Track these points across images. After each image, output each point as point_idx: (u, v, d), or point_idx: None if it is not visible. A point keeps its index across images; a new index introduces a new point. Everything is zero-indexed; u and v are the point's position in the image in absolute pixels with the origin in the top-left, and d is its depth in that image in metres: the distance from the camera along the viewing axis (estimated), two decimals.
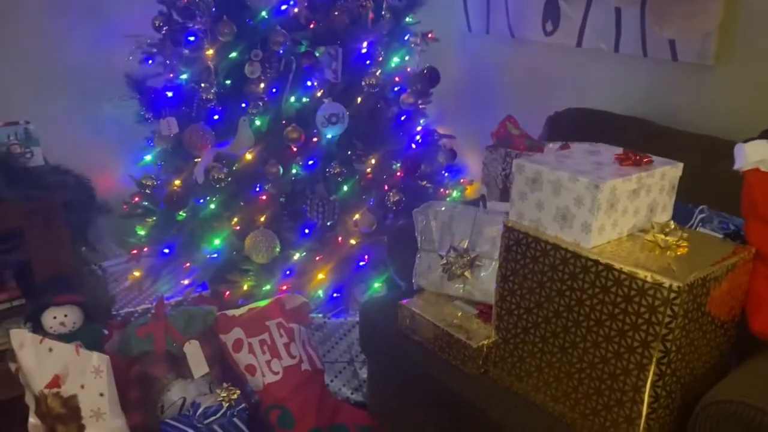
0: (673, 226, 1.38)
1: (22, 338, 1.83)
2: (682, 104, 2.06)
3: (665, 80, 2.10)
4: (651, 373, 1.27)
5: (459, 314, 1.70)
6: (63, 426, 1.80)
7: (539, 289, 1.43)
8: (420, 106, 2.47)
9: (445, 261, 1.71)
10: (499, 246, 1.65)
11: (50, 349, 1.80)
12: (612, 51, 2.22)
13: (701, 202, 1.62)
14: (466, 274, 1.69)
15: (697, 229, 1.57)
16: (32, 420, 1.89)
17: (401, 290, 2.03)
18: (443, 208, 1.77)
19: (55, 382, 1.79)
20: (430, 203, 1.80)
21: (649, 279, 1.23)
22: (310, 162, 2.26)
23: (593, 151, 1.53)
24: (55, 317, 1.98)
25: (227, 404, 1.92)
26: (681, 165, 1.46)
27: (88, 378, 1.76)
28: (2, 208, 1.95)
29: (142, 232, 2.46)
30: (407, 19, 2.45)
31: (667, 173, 1.43)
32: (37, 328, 1.99)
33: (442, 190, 2.55)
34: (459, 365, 1.62)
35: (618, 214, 1.36)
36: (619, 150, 1.52)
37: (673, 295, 1.21)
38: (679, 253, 1.33)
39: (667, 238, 1.34)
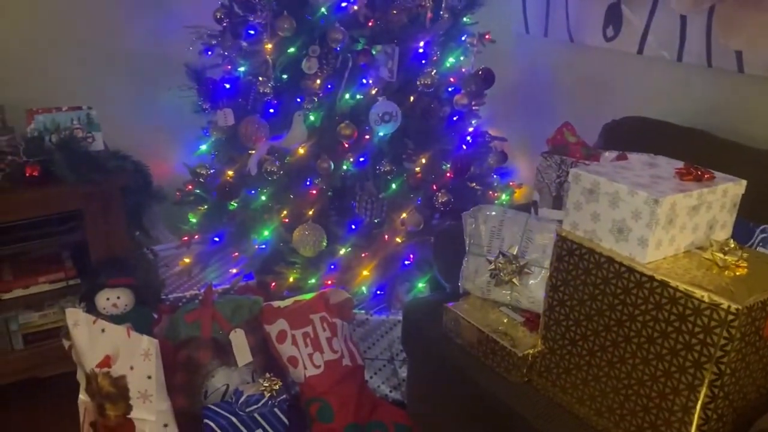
0: (732, 245, 1.34)
1: (76, 317, 1.89)
2: (746, 118, 2.00)
3: (730, 92, 2.04)
4: (702, 394, 1.24)
5: (505, 321, 1.69)
6: (111, 405, 1.86)
7: (590, 301, 1.41)
8: (473, 108, 2.46)
9: (493, 266, 1.70)
10: (551, 254, 1.64)
11: (103, 330, 1.86)
12: (674, 59, 2.17)
13: (764, 221, 1.57)
14: (514, 280, 1.68)
15: (758, 249, 1.53)
16: (82, 397, 1.96)
17: (446, 292, 2.03)
18: (494, 213, 1.76)
19: (106, 362, 1.84)
20: (480, 207, 1.79)
21: (705, 299, 1.20)
22: (361, 159, 2.27)
23: (652, 164, 1.50)
24: (108, 298, 2.05)
25: (269, 394, 1.95)
26: (744, 182, 1.42)
27: (137, 360, 1.81)
28: (64, 190, 2.02)
29: (193, 220, 2.52)
30: (465, 19, 2.44)
31: (729, 190, 1.39)
32: (91, 309, 2.06)
33: (490, 192, 2.54)
34: (502, 372, 1.61)
35: (676, 229, 1.33)
36: (680, 163, 1.48)
37: (730, 317, 1.18)
38: (737, 274, 1.29)
39: (726, 257, 1.31)
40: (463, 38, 2.41)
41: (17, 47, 2.42)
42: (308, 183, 2.30)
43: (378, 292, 2.37)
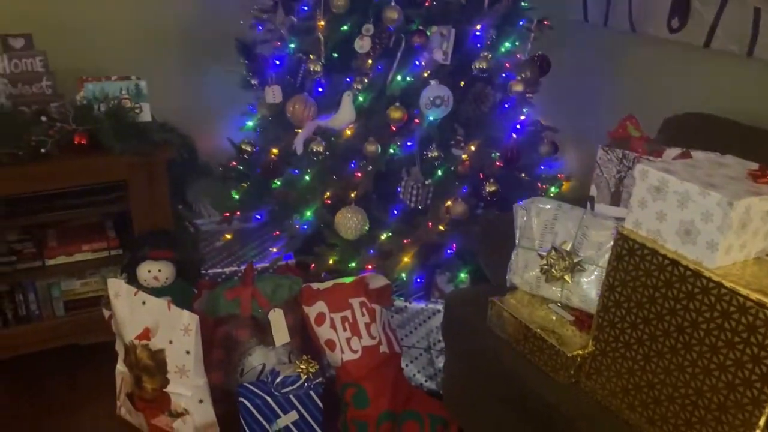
0: None
1: (118, 288, 1.89)
2: None
3: None
4: (767, 411, 1.17)
5: (553, 318, 1.63)
6: (148, 377, 1.86)
7: (649, 304, 1.34)
8: (527, 95, 2.38)
9: (544, 261, 1.64)
10: (606, 253, 1.57)
11: (143, 302, 1.85)
12: (744, 55, 2.06)
13: None
14: (566, 277, 1.61)
15: None
16: (120, 367, 1.97)
17: (489, 284, 1.98)
18: (548, 206, 1.69)
19: (146, 334, 1.84)
20: (533, 199, 1.73)
21: None
22: (409, 143, 2.22)
23: (722, 163, 1.42)
24: (149, 270, 2.04)
25: (305, 376, 1.94)
26: None
27: (176, 335, 1.80)
28: (110, 160, 2.02)
29: (236, 196, 2.50)
30: (523, 4, 2.35)
31: None
32: (132, 280, 2.06)
33: (539, 183, 2.46)
34: (548, 371, 1.56)
35: (748, 235, 1.25)
36: (752, 164, 1.40)
37: None
38: None
39: None
40: (520, 23, 2.33)
41: (70, 16, 2.41)
42: (353, 165, 2.25)
43: (418, 280, 2.33)
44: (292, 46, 2.28)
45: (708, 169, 1.36)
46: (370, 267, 2.26)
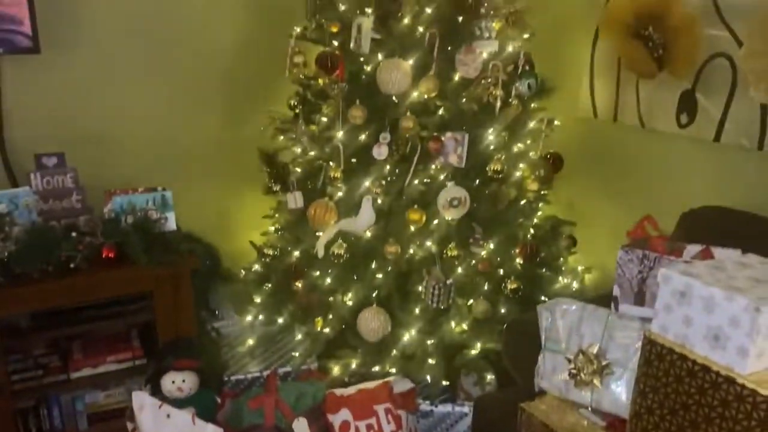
0: None
1: (142, 401, 1.89)
2: None
3: None
4: None
5: (584, 424, 1.59)
6: None
7: (683, 411, 1.31)
8: (542, 192, 2.42)
9: (572, 366, 1.62)
10: (634, 355, 1.56)
11: (168, 415, 1.84)
12: (755, 148, 2.10)
13: None
14: (595, 381, 1.59)
15: None
16: None
17: (517, 387, 1.95)
18: (573, 307, 1.69)
19: None
20: (557, 300, 1.73)
21: None
22: (428, 243, 2.25)
23: (745, 264, 1.42)
24: (173, 381, 2.04)
25: None
26: None
27: None
28: (137, 272, 2.06)
29: (257, 300, 2.52)
30: (533, 105, 2.44)
31: None
32: (156, 391, 2.05)
33: (560, 278, 2.47)
34: None
35: None
36: None
37: None
38: None
39: None
40: (531, 123, 2.41)
41: (101, 131, 2.52)
42: (374, 266, 2.28)
43: (443, 383, 2.30)
44: (313, 153, 2.36)
45: (731, 270, 1.37)
46: (394, 370, 2.24)
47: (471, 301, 2.29)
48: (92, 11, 2.40)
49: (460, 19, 2.19)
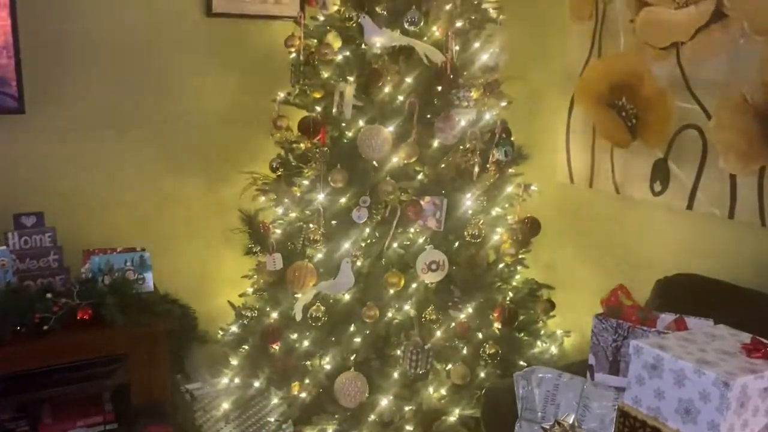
0: None
1: None
2: None
3: None
4: None
5: None
6: None
7: None
8: (520, 256, 2.45)
9: None
10: (610, 424, 1.55)
11: None
12: (726, 217, 2.15)
13: None
14: None
15: None
16: None
17: None
18: (548, 375, 1.70)
19: None
20: (533, 368, 1.73)
21: None
22: (406, 307, 2.25)
23: (716, 335, 1.44)
24: None
25: None
26: None
27: None
28: (112, 334, 2.04)
29: (234, 362, 2.49)
30: (510, 170, 2.49)
31: None
32: None
33: (539, 342, 2.47)
34: None
35: (748, 413, 1.25)
36: (745, 336, 1.42)
37: None
38: None
39: None
40: (509, 188, 2.45)
41: (80, 190, 2.52)
42: (352, 329, 2.27)
43: None
44: (293, 215, 2.38)
45: (702, 342, 1.38)
46: None
47: (449, 365, 2.28)
48: (78, 72, 2.44)
49: (439, 88, 2.25)
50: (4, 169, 2.36)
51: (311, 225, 2.26)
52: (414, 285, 2.25)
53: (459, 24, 2.28)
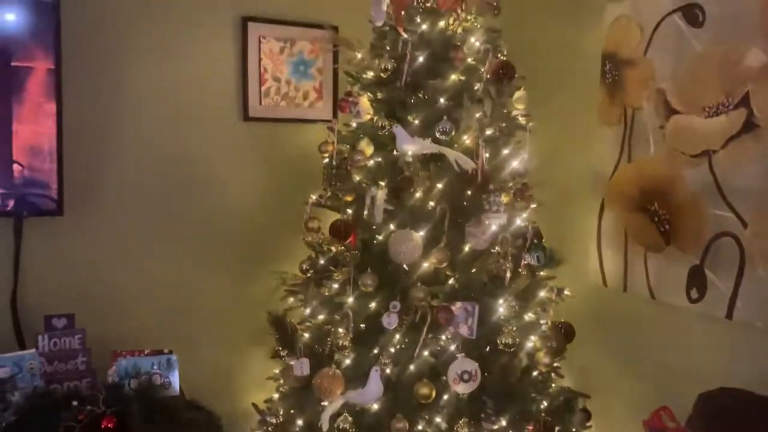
0: None
1: None
2: None
3: None
4: None
5: None
6: None
7: None
8: (554, 365, 2.37)
9: None
10: None
11: None
12: None
13: None
14: None
15: None
16: None
17: None
18: None
19: None
20: None
21: None
22: (438, 419, 2.17)
23: None
24: None
25: None
26: None
27: None
28: None
29: None
30: (541, 274, 2.45)
31: None
32: None
33: None
34: None
35: None
36: None
37: None
38: None
39: None
40: (541, 293, 2.41)
41: (111, 292, 2.54)
42: None
43: None
44: (321, 317, 2.35)
45: None
46: None
47: None
48: (115, 174, 2.52)
49: (469, 192, 2.26)
50: (39, 269, 2.40)
51: (340, 330, 2.23)
52: (445, 396, 2.18)
53: (489, 132, 2.31)
